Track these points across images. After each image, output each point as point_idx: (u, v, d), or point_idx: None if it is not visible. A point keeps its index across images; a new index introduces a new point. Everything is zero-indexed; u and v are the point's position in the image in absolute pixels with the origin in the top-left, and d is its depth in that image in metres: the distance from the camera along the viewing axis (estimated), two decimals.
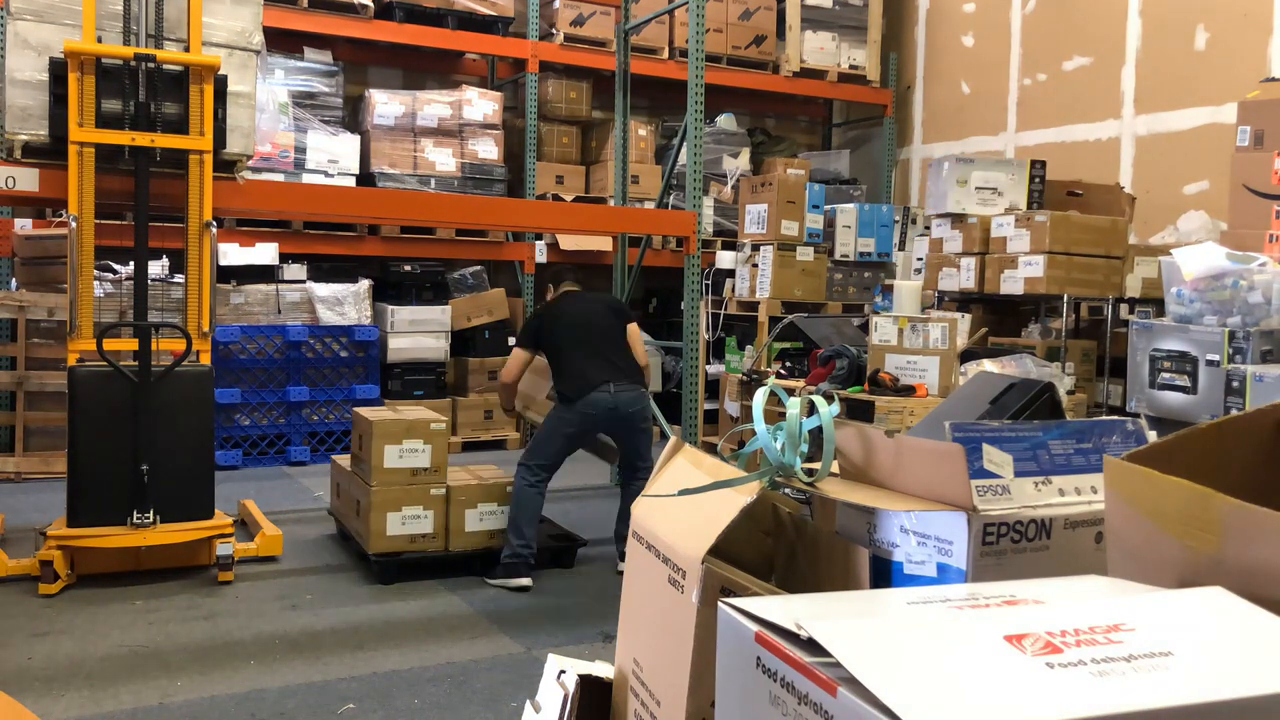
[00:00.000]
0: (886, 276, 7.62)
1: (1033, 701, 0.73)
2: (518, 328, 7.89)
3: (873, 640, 0.82)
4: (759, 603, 0.94)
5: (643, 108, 8.98)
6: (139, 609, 3.82)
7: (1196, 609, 0.89)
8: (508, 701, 3.08)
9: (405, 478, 4.27)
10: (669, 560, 1.38)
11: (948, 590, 1.06)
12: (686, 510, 1.42)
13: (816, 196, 7.31)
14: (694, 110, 5.66)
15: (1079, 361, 6.05)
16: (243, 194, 4.49)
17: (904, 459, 1.46)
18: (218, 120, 4.16)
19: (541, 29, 8.19)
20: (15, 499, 5.44)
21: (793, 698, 0.83)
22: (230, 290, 6.59)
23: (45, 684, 3.12)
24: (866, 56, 9.30)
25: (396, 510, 4.24)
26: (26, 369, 6.03)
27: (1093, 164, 7.57)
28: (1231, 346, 4.39)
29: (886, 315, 5.05)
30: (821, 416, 1.52)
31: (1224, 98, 6.73)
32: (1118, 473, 1.07)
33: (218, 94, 4.14)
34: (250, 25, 4.28)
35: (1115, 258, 6.00)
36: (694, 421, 5.84)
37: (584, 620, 3.84)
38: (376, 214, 6.11)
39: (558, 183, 8.11)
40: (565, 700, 1.46)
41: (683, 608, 1.30)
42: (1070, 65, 7.91)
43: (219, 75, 4.14)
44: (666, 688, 1.35)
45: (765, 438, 1.54)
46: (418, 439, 4.28)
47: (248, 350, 6.55)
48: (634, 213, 6.60)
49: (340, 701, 3.06)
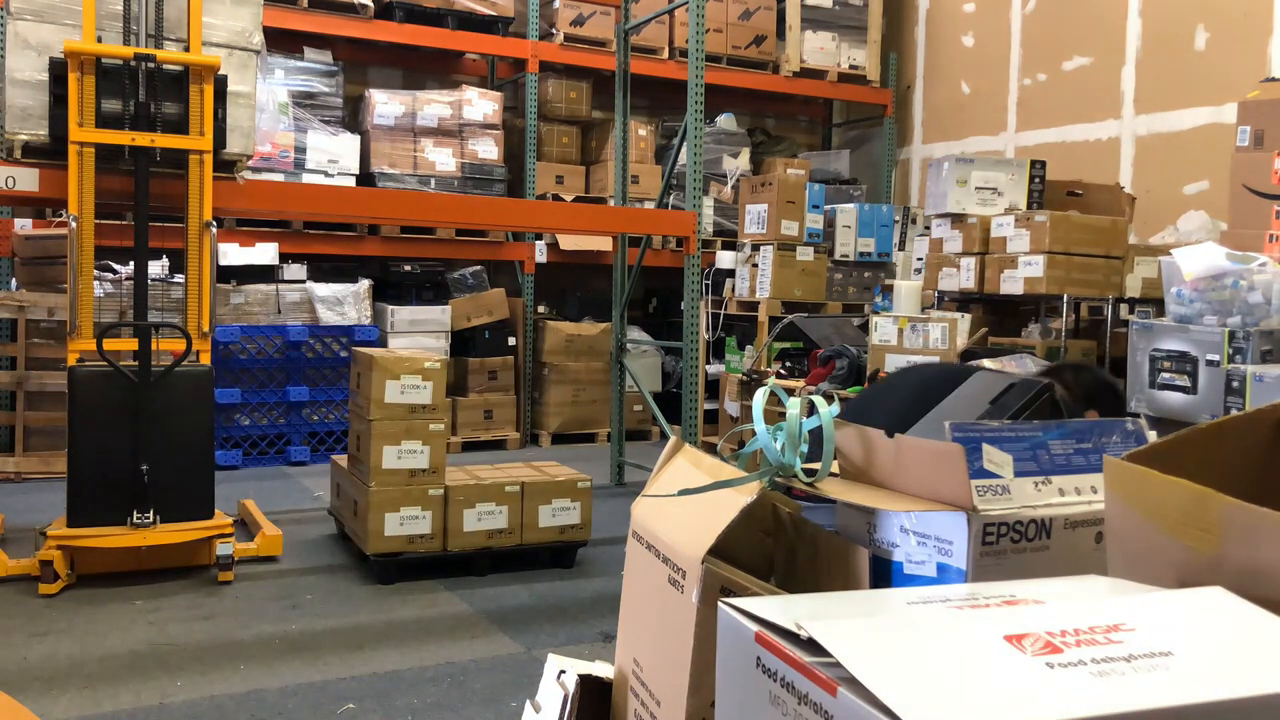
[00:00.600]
0: (886, 276, 7.63)
1: (1033, 701, 0.73)
2: (518, 328, 7.90)
3: (873, 640, 0.82)
4: (759, 603, 0.94)
5: (643, 108, 8.98)
6: (139, 609, 3.82)
7: (1196, 609, 0.89)
8: (508, 701, 3.08)
9: (403, 479, 4.26)
10: (669, 560, 1.38)
11: (947, 590, 1.06)
12: (686, 510, 1.42)
13: (816, 196, 7.31)
14: (694, 110, 5.66)
15: None
16: (243, 194, 4.49)
17: (904, 459, 1.46)
18: (218, 120, 4.16)
19: (541, 29, 8.19)
20: (15, 499, 5.44)
21: (793, 698, 0.83)
22: (230, 290, 6.59)
23: (45, 684, 3.12)
24: (866, 56, 9.31)
25: (395, 511, 4.23)
26: (26, 369, 6.03)
27: (1093, 164, 7.57)
28: (1231, 346, 4.39)
29: (886, 315, 5.05)
30: (821, 417, 1.52)
31: (1224, 98, 6.73)
32: (1118, 473, 1.07)
33: (218, 94, 4.14)
34: (250, 25, 4.29)
35: (1115, 258, 6.00)
36: (694, 421, 5.84)
37: (584, 620, 3.84)
38: (376, 214, 6.11)
39: (558, 183, 8.12)
40: (565, 700, 1.46)
41: (683, 608, 1.31)
42: (1070, 65, 7.91)
43: (219, 75, 4.14)
44: (666, 688, 1.35)
45: (765, 438, 1.54)
46: (416, 440, 4.28)
47: (248, 350, 6.55)
48: (634, 213, 6.61)
49: (340, 701, 3.06)
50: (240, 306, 6.65)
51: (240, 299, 6.65)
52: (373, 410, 4.24)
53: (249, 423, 6.57)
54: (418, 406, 4.29)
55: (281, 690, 3.13)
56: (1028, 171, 6.45)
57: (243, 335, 6.51)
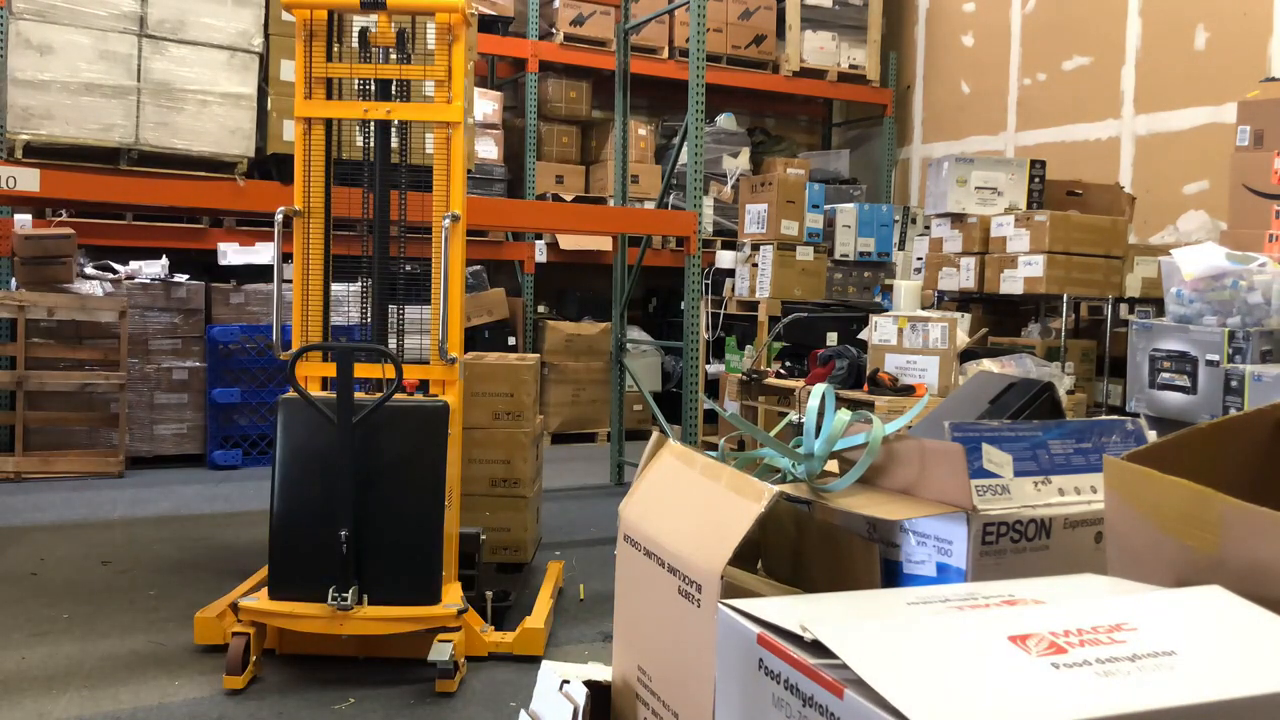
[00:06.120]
0: (886, 276, 7.63)
1: (1042, 702, 0.73)
2: (517, 327, 7.90)
3: (878, 642, 0.82)
4: (760, 604, 0.95)
5: (643, 107, 8.98)
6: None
7: (1197, 608, 0.90)
8: (507, 701, 3.08)
9: None
10: (677, 571, 1.35)
11: (947, 590, 1.06)
12: (687, 515, 1.40)
13: (816, 196, 7.31)
14: (694, 110, 5.66)
15: (1079, 361, 6.05)
16: (243, 195, 4.49)
17: (904, 459, 1.46)
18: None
19: (541, 29, 8.19)
20: (15, 499, 5.44)
21: (797, 700, 0.83)
22: (230, 290, 6.59)
23: (45, 684, 3.12)
24: (866, 56, 9.31)
25: None
26: (26, 369, 6.03)
27: (1093, 164, 7.57)
28: (1231, 346, 4.39)
29: (886, 315, 5.05)
30: (871, 435, 1.50)
31: (1224, 98, 6.73)
32: (1117, 472, 1.08)
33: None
34: (252, 27, 4.29)
35: (1115, 257, 6.01)
36: (694, 421, 5.84)
37: (583, 620, 3.84)
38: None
39: (558, 182, 8.11)
40: (575, 714, 1.44)
41: (701, 622, 1.28)
42: (1070, 65, 7.91)
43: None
44: (686, 701, 1.33)
45: (779, 444, 1.54)
46: None
47: (248, 350, 6.55)
48: (634, 213, 6.60)
49: (339, 699, 3.06)
50: (240, 306, 6.65)
51: (240, 299, 6.65)
52: None
53: (248, 423, 6.57)
54: None
55: (281, 689, 3.12)
56: (1027, 171, 6.45)
57: (243, 335, 6.51)
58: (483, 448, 4.05)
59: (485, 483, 4.06)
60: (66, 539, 4.70)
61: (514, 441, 4.07)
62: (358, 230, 3.57)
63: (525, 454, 4.08)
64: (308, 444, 3.22)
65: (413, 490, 3.22)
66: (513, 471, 4.08)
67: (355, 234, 3.58)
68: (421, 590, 3.18)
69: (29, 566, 4.26)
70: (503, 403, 4.09)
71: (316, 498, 3.18)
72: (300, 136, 3.44)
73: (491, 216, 5.80)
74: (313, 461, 3.20)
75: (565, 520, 5.10)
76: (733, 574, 1.27)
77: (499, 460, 4.08)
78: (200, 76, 4.17)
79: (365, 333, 3.54)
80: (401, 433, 3.23)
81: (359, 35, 3.43)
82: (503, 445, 4.07)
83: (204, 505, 5.44)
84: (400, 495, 3.21)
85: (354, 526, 3.14)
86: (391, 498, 3.20)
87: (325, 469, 3.17)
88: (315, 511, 3.17)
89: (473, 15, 3.59)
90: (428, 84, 3.60)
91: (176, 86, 4.14)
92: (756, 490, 1.33)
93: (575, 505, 5.65)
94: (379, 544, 3.18)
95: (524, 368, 4.12)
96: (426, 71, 3.39)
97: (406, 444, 3.23)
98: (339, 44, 3.46)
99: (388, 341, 3.50)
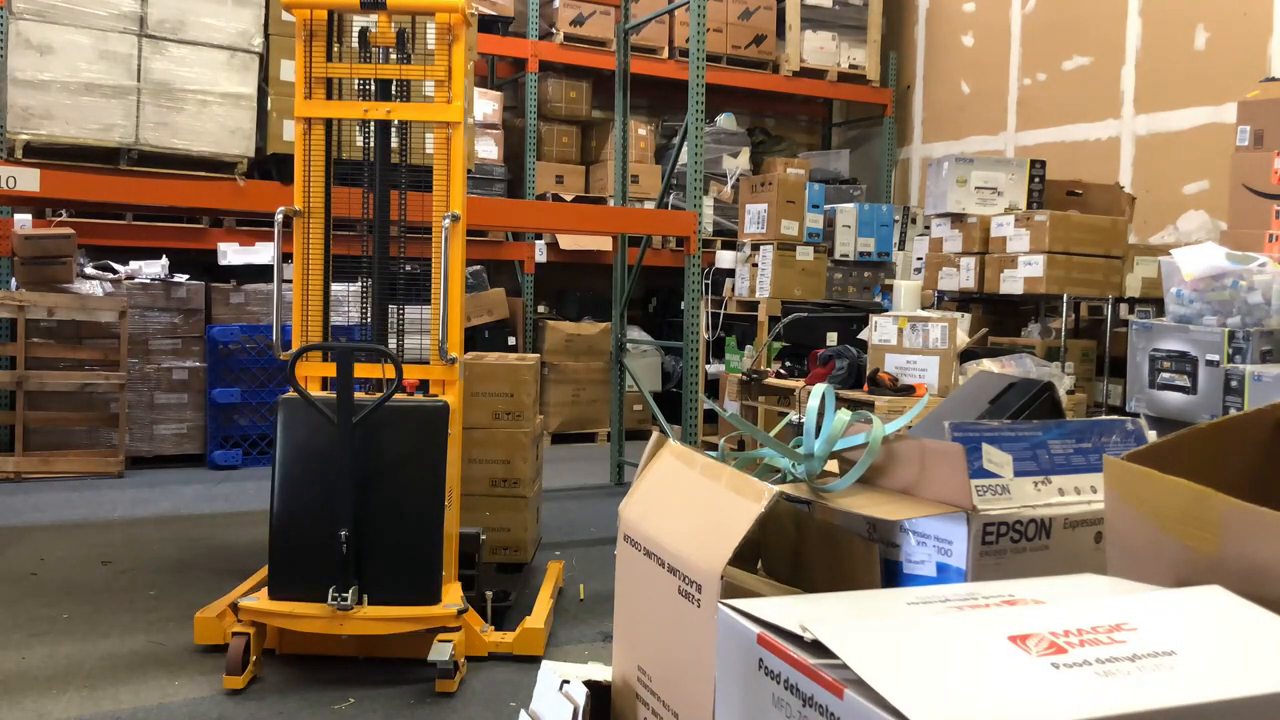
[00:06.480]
0: (886, 276, 7.63)
1: (1042, 703, 0.73)
2: (517, 327, 7.90)
3: (879, 642, 0.82)
4: (760, 604, 0.95)
5: (643, 107, 8.98)
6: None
7: (1197, 608, 0.90)
8: (507, 701, 3.08)
9: None
10: (677, 571, 1.36)
11: (946, 590, 1.06)
12: (687, 515, 1.41)
13: (816, 196, 7.31)
14: (694, 110, 5.66)
15: (1079, 361, 6.05)
16: (243, 195, 4.49)
17: (904, 459, 1.46)
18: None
19: (541, 29, 8.19)
20: (15, 499, 5.44)
21: (797, 700, 0.83)
22: (230, 290, 6.59)
23: (45, 684, 3.12)
24: (866, 56, 9.31)
25: None
26: (26, 369, 6.03)
27: (1093, 164, 7.57)
28: (1231, 346, 4.39)
29: (886, 315, 5.05)
30: (872, 435, 1.50)
31: (1224, 98, 6.73)
32: (1118, 472, 1.08)
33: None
34: (252, 27, 4.29)
35: (1115, 257, 6.01)
36: (694, 421, 5.84)
37: (583, 620, 3.84)
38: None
39: (558, 182, 8.11)
40: (575, 715, 1.44)
41: (701, 623, 1.29)
42: (1070, 65, 7.91)
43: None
44: (686, 702, 1.33)
45: (779, 444, 1.54)
46: None
47: (248, 350, 6.55)
48: (634, 213, 6.60)
49: (339, 699, 3.06)
50: (240, 306, 6.65)
51: (240, 299, 6.65)
52: None
53: (248, 423, 6.57)
54: None
55: (281, 689, 3.12)
56: (1027, 171, 6.45)
57: (243, 335, 6.51)
58: (483, 448, 4.05)
59: (485, 483, 4.06)
60: (66, 539, 4.70)
61: (514, 441, 4.07)
62: (358, 230, 3.57)
63: (525, 454, 4.08)
64: (308, 444, 3.22)
65: (413, 490, 3.21)
66: (513, 471, 4.08)
67: (355, 234, 3.57)
68: (421, 590, 3.18)
69: (29, 566, 4.26)
70: (503, 403, 4.09)
71: (316, 498, 3.17)
72: (300, 136, 3.43)
73: (491, 216, 5.80)
74: (313, 461, 3.20)
75: (565, 520, 5.10)
76: (733, 574, 1.27)
77: (499, 460, 4.08)
78: (200, 76, 4.17)
79: (365, 333, 3.56)
80: (401, 433, 3.23)
81: (359, 35, 3.43)
82: (503, 445, 4.06)
83: (204, 505, 5.44)
84: (400, 495, 3.20)
85: (354, 526, 3.14)
86: (391, 498, 3.20)
87: (325, 469, 3.17)
88: (315, 511, 3.16)
89: (473, 15, 3.60)
90: (428, 84, 3.60)
91: (176, 86, 4.14)
92: (756, 490, 1.33)
93: (575, 505, 5.66)
94: (379, 544, 3.18)
95: (524, 368, 4.12)
96: (426, 71, 3.40)
97: (406, 444, 3.23)
98: (339, 44, 3.46)
99: (388, 341, 3.49)
